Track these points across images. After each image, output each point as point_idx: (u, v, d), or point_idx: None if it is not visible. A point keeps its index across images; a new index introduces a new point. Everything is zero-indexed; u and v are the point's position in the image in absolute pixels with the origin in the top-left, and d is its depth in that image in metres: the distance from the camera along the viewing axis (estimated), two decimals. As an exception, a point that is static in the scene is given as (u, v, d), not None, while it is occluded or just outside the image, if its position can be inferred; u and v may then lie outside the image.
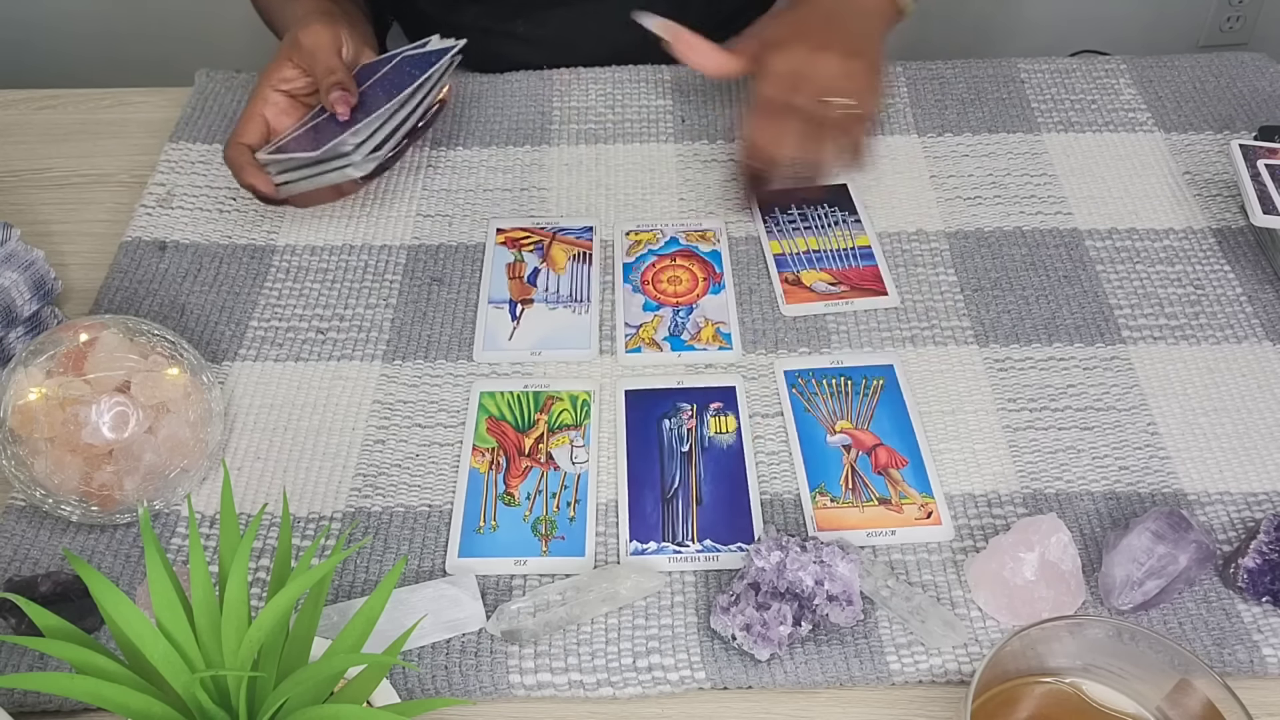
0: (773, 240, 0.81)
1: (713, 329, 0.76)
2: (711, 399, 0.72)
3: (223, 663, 0.47)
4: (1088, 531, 0.65)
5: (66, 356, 0.63)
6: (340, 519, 0.66)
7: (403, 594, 0.60)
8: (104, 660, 0.46)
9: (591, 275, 0.79)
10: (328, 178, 0.77)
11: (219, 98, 0.93)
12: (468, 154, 0.89)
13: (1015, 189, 0.85)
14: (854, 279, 0.78)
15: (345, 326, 0.77)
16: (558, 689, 0.58)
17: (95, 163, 0.90)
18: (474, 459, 0.68)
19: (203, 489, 0.68)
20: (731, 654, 0.59)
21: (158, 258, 0.81)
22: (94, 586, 0.46)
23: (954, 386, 0.72)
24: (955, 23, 1.89)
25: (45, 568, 0.63)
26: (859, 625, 0.60)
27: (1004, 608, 0.60)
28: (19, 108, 0.95)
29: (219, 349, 0.75)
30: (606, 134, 0.91)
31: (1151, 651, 0.53)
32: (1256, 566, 0.61)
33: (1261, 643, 0.59)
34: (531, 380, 0.73)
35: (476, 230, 0.83)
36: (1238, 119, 0.91)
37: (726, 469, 0.68)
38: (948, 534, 0.65)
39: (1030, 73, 0.95)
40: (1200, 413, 0.71)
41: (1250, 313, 0.77)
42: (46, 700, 0.58)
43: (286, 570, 0.50)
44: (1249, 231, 0.82)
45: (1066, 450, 0.69)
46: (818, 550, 0.59)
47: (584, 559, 0.64)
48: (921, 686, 0.59)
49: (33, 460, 0.62)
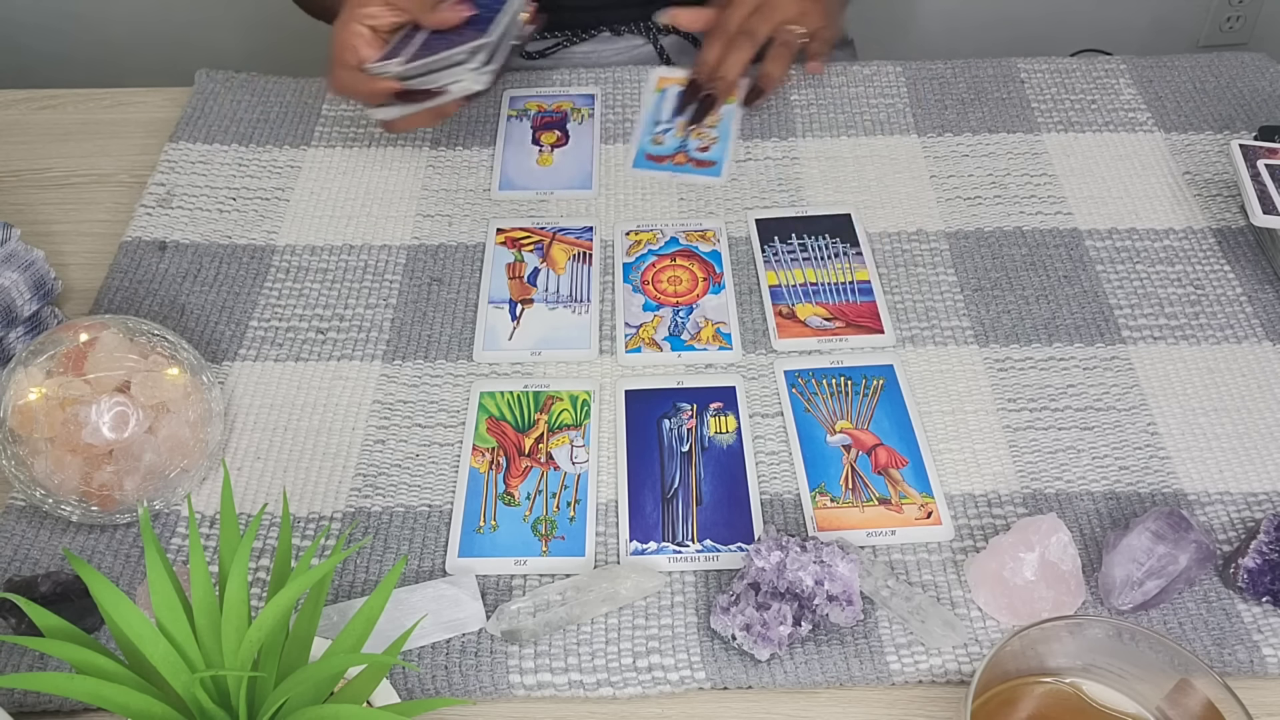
0: (769, 270, 0.79)
1: (713, 329, 0.76)
2: (711, 399, 0.72)
3: (223, 663, 0.47)
4: (1088, 531, 0.65)
5: (66, 356, 0.63)
6: (340, 519, 0.66)
7: (403, 594, 0.60)
8: (104, 660, 0.46)
9: (591, 275, 0.79)
10: (439, 93, 0.77)
11: (219, 98, 0.93)
12: (468, 154, 0.89)
13: (1015, 189, 0.85)
14: (850, 315, 0.76)
15: (345, 326, 0.77)
16: (558, 689, 0.58)
17: (95, 163, 0.90)
18: (474, 459, 0.68)
19: (203, 489, 0.68)
20: (731, 654, 0.59)
21: (158, 258, 0.81)
22: (94, 586, 0.46)
23: (954, 386, 0.72)
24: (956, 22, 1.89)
25: (45, 568, 0.63)
26: (859, 625, 0.60)
27: (1004, 608, 0.60)
28: (19, 108, 0.95)
29: (219, 349, 0.75)
30: (607, 134, 0.91)
31: (1151, 651, 0.53)
32: (1256, 566, 0.61)
33: (1261, 643, 0.59)
34: (531, 380, 0.73)
35: (476, 230, 0.83)
36: (1238, 119, 0.91)
37: (726, 469, 0.68)
38: (948, 534, 0.65)
39: (1030, 73, 0.95)
40: (1200, 413, 0.71)
41: (1250, 313, 0.77)
42: (46, 700, 0.58)
43: (286, 570, 0.50)
44: (1249, 231, 0.82)
45: (1066, 450, 0.69)
46: (818, 550, 0.59)
47: (584, 559, 0.64)
48: (921, 686, 0.59)
49: (33, 460, 0.62)
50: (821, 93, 0.94)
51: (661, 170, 0.87)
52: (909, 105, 0.92)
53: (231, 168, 0.88)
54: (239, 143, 0.90)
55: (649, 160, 0.88)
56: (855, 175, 0.87)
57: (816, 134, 0.90)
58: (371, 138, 0.90)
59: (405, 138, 0.90)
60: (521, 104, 0.93)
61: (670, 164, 0.87)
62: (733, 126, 0.90)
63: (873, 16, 1.83)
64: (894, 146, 0.89)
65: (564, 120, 0.91)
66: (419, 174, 0.87)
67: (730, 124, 0.90)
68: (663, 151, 0.88)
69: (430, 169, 0.88)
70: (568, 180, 0.87)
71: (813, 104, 0.93)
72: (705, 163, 0.87)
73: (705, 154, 0.88)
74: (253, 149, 0.89)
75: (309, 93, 0.94)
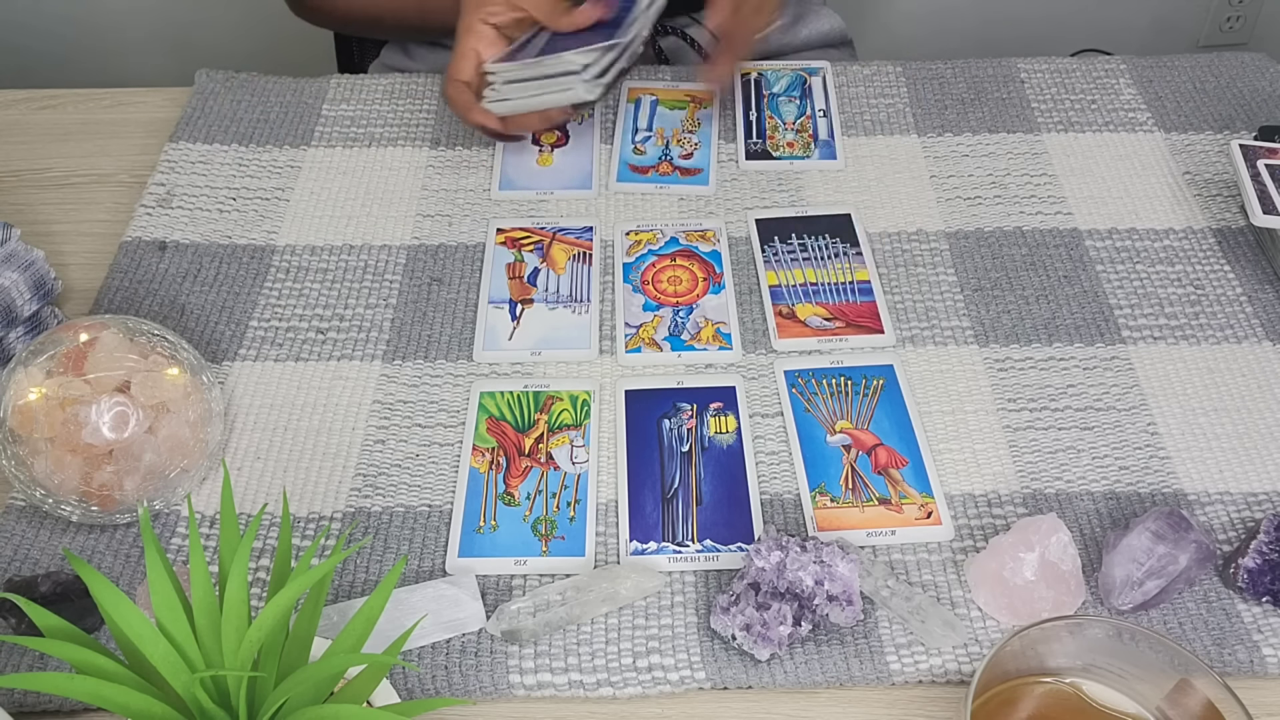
0: (769, 270, 0.79)
1: (713, 329, 0.76)
2: (711, 399, 0.72)
3: (223, 663, 0.47)
4: (1088, 531, 0.65)
5: (66, 356, 0.63)
6: (340, 519, 0.66)
7: (403, 594, 0.60)
8: (104, 660, 0.46)
9: (591, 275, 0.79)
10: (551, 98, 0.76)
11: (219, 98, 0.93)
12: (468, 154, 0.89)
13: (1015, 189, 0.85)
14: (850, 315, 0.76)
15: (345, 326, 0.77)
16: (558, 689, 0.58)
17: (95, 163, 0.90)
18: (474, 459, 0.68)
19: (203, 489, 0.68)
20: (731, 654, 0.59)
21: (158, 258, 0.81)
22: (94, 586, 0.46)
23: (954, 386, 0.72)
24: (956, 22, 1.89)
25: (45, 568, 0.63)
26: (859, 625, 0.60)
27: (1004, 608, 0.60)
28: (19, 108, 0.95)
29: (219, 349, 0.75)
30: (607, 134, 0.91)
31: (1151, 651, 0.53)
32: (1256, 566, 0.61)
33: (1261, 643, 0.59)
34: (531, 380, 0.73)
35: (476, 230, 0.83)
36: (1238, 119, 0.91)
37: (726, 469, 0.68)
38: (948, 534, 0.65)
39: (1030, 73, 0.95)
40: (1200, 413, 0.71)
41: (1250, 313, 0.77)
42: (46, 700, 0.58)
43: (286, 570, 0.50)
44: (1249, 231, 0.82)
45: (1066, 450, 0.69)
46: (818, 550, 0.59)
47: (584, 559, 0.64)
48: (921, 686, 0.59)
49: (33, 460, 0.62)
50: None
51: (647, 182, 0.86)
52: (909, 105, 0.92)
53: (231, 168, 0.88)
54: (239, 143, 0.90)
55: (633, 172, 0.87)
56: (855, 175, 0.87)
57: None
58: (371, 138, 0.90)
59: (405, 138, 0.90)
60: None
61: (655, 174, 0.87)
62: (712, 131, 0.90)
63: (873, 16, 1.83)
64: (894, 146, 0.89)
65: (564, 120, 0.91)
66: (419, 174, 0.87)
67: (711, 129, 0.90)
68: (645, 162, 0.88)
69: (430, 169, 0.88)
70: (568, 180, 0.87)
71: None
72: (691, 170, 0.87)
73: (689, 161, 0.88)
74: (253, 149, 0.89)
75: (309, 93, 0.94)
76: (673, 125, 0.91)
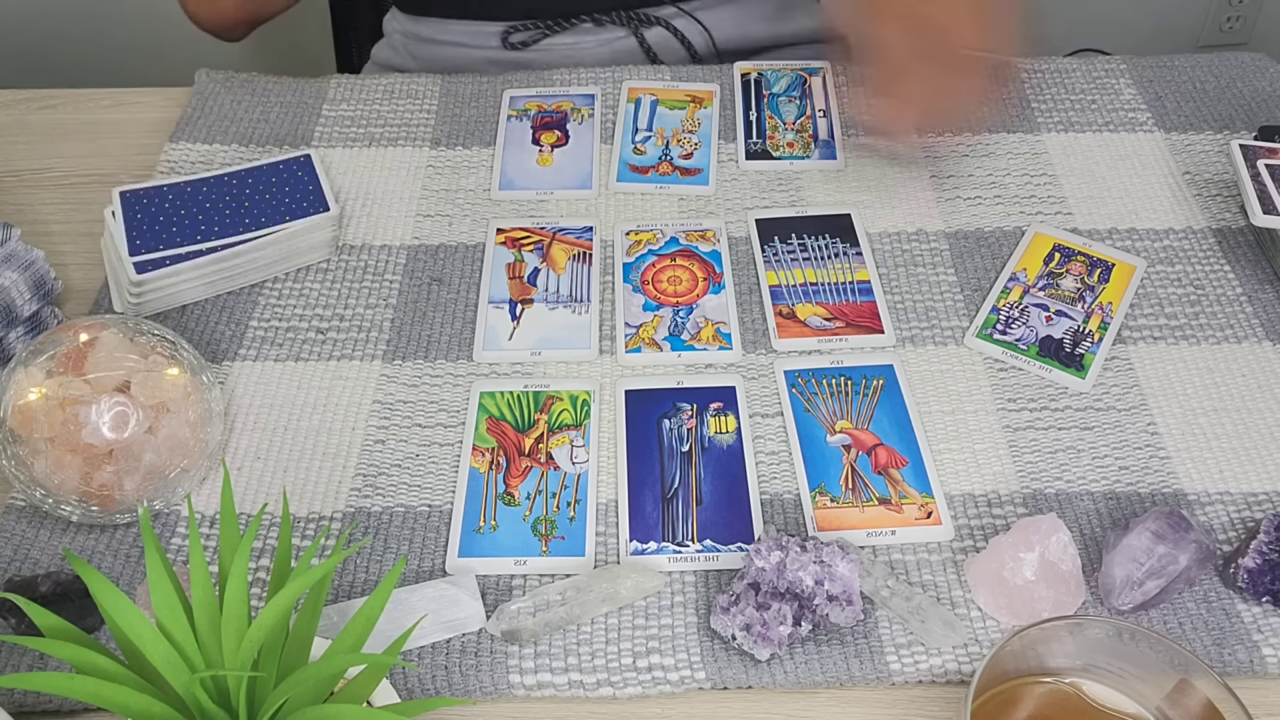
0: (769, 270, 0.79)
1: (713, 329, 0.76)
2: (711, 399, 0.72)
3: (223, 663, 0.47)
4: (1088, 531, 0.65)
5: (66, 356, 0.63)
6: (340, 519, 0.66)
7: (403, 594, 0.60)
8: (104, 660, 0.46)
9: (591, 275, 0.79)
10: None
11: (219, 98, 0.93)
12: (468, 154, 0.89)
13: (1015, 189, 0.85)
14: (850, 315, 0.76)
15: (345, 326, 0.76)
16: (558, 689, 0.58)
17: (95, 163, 0.90)
18: (474, 459, 0.68)
19: (203, 489, 0.68)
20: (731, 654, 0.59)
21: (158, 258, 0.81)
22: (94, 586, 0.46)
23: (954, 386, 0.72)
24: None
25: (45, 568, 0.63)
26: (859, 625, 0.60)
27: (1004, 608, 0.60)
28: (19, 108, 0.95)
29: (219, 349, 0.75)
30: (607, 134, 0.91)
31: (1151, 651, 0.53)
32: (1256, 566, 0.61)
33: (1261, 643, 0.59)
34: (531, 380, 0.73)
35: (476, 230, 0.83)
36: (1238, 119, 0.91)
37: (726, 469, 0.68)
38: (948, 534, 0.65)
39: (1030, 72, 0.95)
40: (1200, 413, 0.71)
41: (1250, 313, 0.77)
42: (46, 700, 0.58)
43: (286, 570, 0.50)
44: (1249, 231, 0.82)
45: (1066, 450, 0.69)
46: (818, 550, 0.59)
47: (584, 559, 0.64)
48: (921, 686, 0.59)
49: (33, 460, 0.62)
50: (821, 93, 0.94)
51: (647, 182, 0.86)
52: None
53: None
54: (239, 143, 0.90)
55: (633, 172, 0.87)
56: (855, 175, 0.87)
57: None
58: (371, 138, 0.90)
59: (405, 138, 0.90)
60: (521, 104, 0.93)
61: (655, 174, 0.87)
62: (713, 130, 0.90)
63: (873, 16, 1.83)
64: (893, 146, 0.89)
65: (564, 120, 0.91)
66: (419, 174, 0.87)
67: (711, 128, 0.90)
68: (645, 162, 0.88)
69: (430, 169, 0.88)
70: (568, 180, 0.87)
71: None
72: (691, 170, 0.87)
73: (689, 161, 0.88)
74: (253, 149, 0.89)
75: (309, 93, 0.94)
76: (673, 125, 0.91)
